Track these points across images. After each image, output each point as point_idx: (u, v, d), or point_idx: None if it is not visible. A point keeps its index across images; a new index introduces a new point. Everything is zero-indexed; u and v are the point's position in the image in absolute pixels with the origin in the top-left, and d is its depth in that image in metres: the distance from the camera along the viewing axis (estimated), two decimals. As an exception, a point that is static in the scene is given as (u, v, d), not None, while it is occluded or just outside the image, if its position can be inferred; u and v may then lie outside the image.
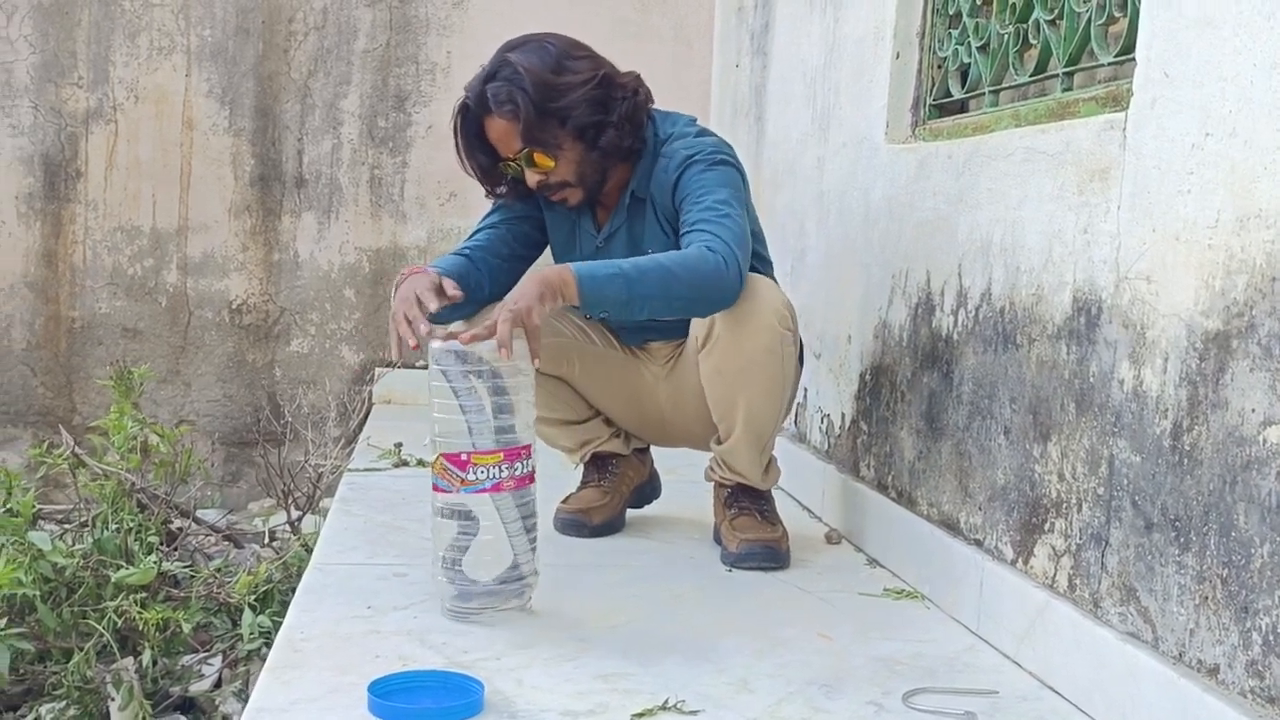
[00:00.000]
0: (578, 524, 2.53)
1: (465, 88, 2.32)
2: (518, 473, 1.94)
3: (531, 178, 2.32)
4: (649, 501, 2.73)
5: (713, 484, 2.48)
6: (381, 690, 1.59)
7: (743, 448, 2.35)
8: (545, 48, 2.30)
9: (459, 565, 1.92)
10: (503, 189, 2.41)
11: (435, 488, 1.93)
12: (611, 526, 2.58)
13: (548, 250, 2.53)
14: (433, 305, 2.04)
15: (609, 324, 2.54)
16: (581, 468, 2.66)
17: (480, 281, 2.33)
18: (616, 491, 2.60)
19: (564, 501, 2.58)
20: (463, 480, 1.90)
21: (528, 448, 1.96)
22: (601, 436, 2.60)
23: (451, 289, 2.13)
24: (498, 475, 1.91)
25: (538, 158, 2.29)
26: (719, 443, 2.38)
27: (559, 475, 2.75)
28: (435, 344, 1.91)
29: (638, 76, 2.37)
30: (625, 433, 2.63)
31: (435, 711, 1.58)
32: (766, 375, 2.26)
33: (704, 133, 2.39)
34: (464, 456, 1.90)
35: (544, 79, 2.26)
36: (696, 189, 2.25)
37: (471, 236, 2.46)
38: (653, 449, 2.73)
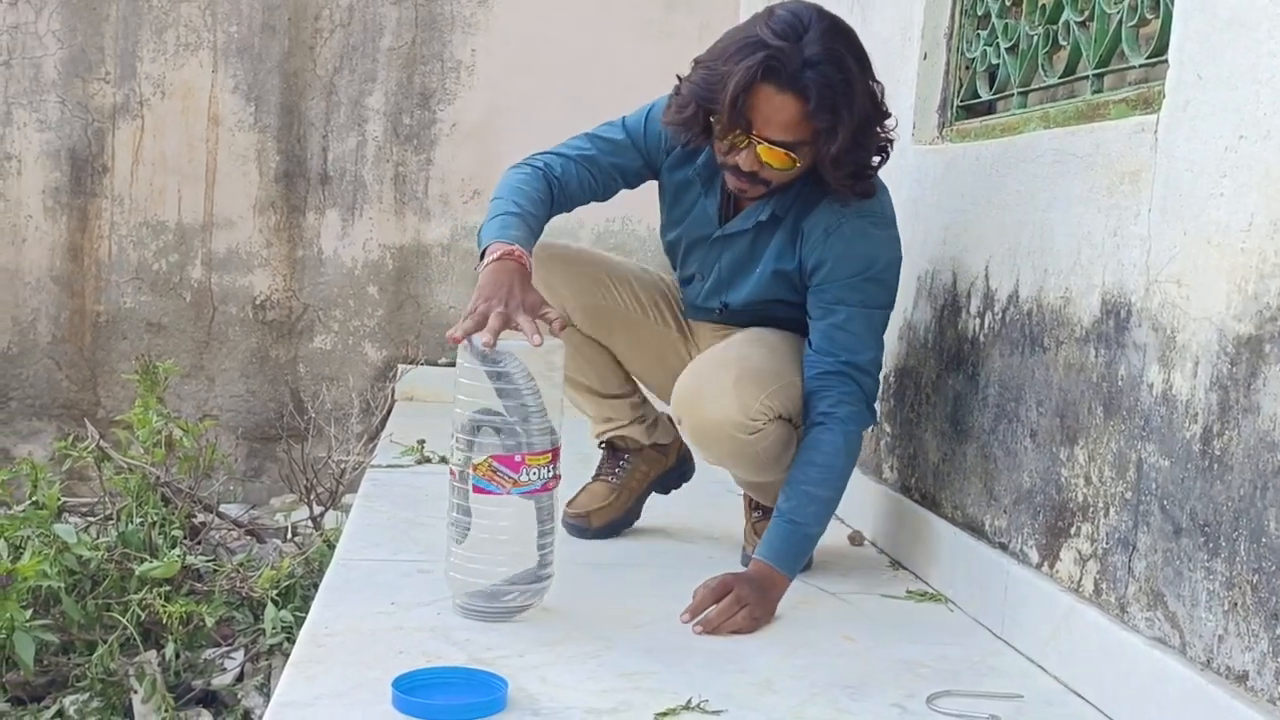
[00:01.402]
0: (579, 529, 2.49)
1: (772, 40, 1.97)
2: (556, 472, 1.94)
3: (750, 161, 2.06)
4: (678, 485, 2.66)
5: None
6: (406, 686, 1.60)
7: (752, 493, 2.39)
8: (866, 63, 2.07)
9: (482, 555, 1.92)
10: (678, 125, 2.13)
11: (477, 489, 1.89)
12: (615, 527, 2.52)
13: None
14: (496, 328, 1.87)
15: (667, 293, 2.46)
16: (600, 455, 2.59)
17: (547, 219, 2.18)
18: (625, 488, 2.53)
19: (569, 504, 2.51)
20: (515, 481, 1.88)
21: (559, 447, 1.96)
22: (623, 420, 2.51)
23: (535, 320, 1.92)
24: (546, 476, 1.91)
25: (785, 157, 2.06)
26: None
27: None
28: (502, 344, 1.86)
29: None
30: (651, 422, 2.54)
31: (459, 708, 1.58)
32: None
33: (884, 191, 2.22)
34: (517, 458, 1.88)
35: (869, 113, 2.06)
36: (856, 296, 2.15)
37: (571, 152, 2.25)
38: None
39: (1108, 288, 1.78)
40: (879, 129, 2.11)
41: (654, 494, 2.62)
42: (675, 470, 2.64)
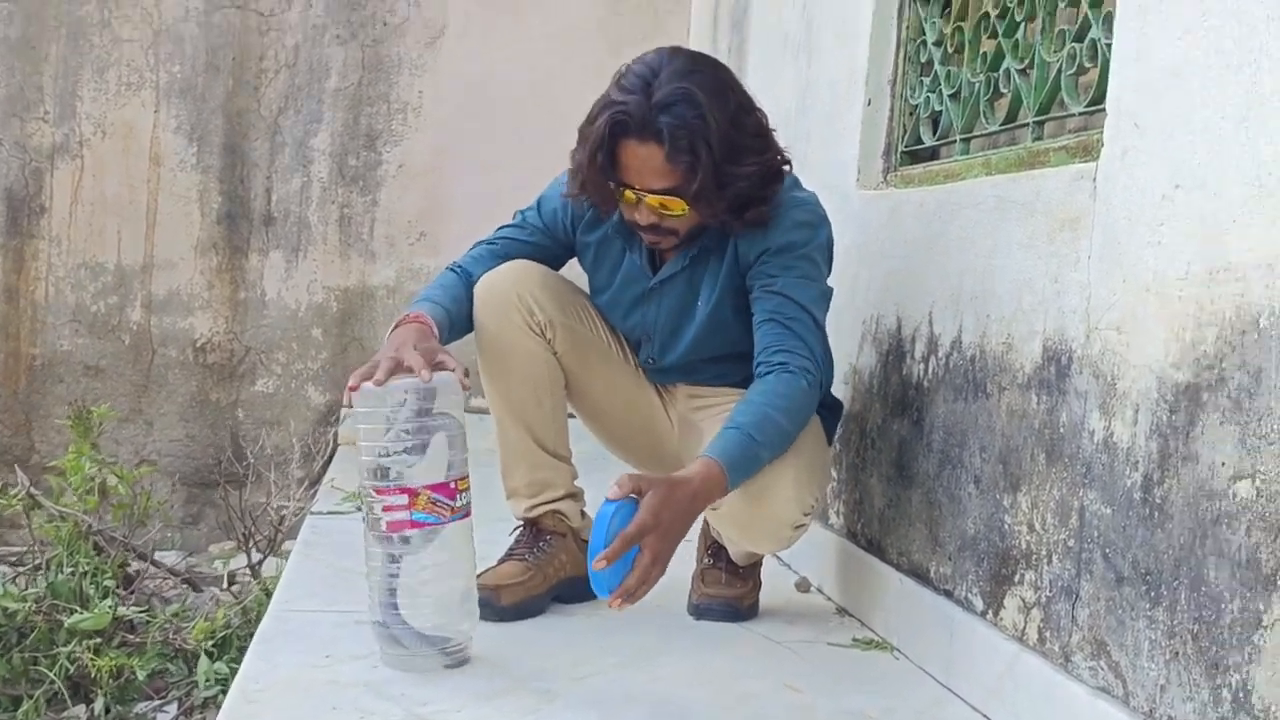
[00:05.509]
0: (483, 602, 2.04)
1: (619, 96, 2.01)
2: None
3: (646, 215, 2.07)
4: (582, 600, 2.27)
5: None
6: None
7: (733, 549, 2.32)
8: (725, 92, 2.05)
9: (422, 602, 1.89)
10: (579, 194, 2.15)
11: (413, 523, 1.84)
12: (524, 610, 2.19)
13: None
14: (425, 374, 1.85)
15: (630, 347, 2.34)
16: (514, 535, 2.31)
17: (468, 313, 2.21)
18: (540, 571, 2.23)
19: (479, 575, 2.08)
20: (451, 509, 1.86)
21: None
22: (560, 490, 2.27)
23: (433, 361, 1.91)
24: (469, 500, 1.90)
25: (674, 204, 2.06)
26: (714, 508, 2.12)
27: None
28: (439, 376, 1.86)
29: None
30: (583, 508, 2.33)
31: None
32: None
33: (797, 186, 2.21)
34: (451, 484, 1.86)
35: (730, 138, 2.02)
36: (792, 273, 2.12)
37: (480, 248, 2.29)
38: None
39: (1049, 334, 1.78)
40: (755, 158, 2.06)
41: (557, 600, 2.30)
42: (586, 579, 2.34)
